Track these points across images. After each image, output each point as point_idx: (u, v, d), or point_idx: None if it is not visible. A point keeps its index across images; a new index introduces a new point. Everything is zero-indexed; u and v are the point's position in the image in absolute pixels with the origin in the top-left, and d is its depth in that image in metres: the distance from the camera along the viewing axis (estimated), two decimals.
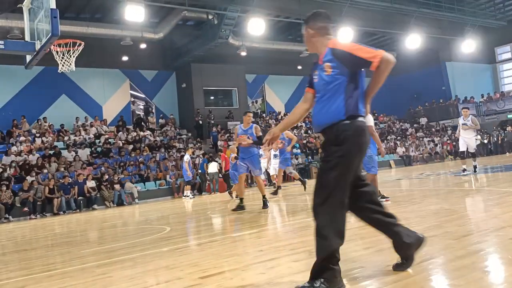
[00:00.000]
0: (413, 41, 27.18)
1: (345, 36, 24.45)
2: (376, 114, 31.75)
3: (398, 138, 28.76)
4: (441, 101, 31.45)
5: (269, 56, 27.15)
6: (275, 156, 12.98)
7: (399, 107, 32.33)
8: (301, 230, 5.64)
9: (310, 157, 23.86)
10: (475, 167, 12.37)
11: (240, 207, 8.56)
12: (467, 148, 12.42)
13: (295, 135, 14.31)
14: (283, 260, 4.02)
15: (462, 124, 12.41)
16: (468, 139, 12.37)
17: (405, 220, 5.50)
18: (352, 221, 5.88)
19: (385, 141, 28.05)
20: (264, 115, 29.02)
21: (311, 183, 15.51)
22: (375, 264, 3.47)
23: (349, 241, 4.47)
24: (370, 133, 7.43)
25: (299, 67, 30.24)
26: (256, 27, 22.27)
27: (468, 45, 29.51)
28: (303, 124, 28.46)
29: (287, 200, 10.75)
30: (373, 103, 7.93)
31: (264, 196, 8.62)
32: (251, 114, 8.95)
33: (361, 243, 4.36)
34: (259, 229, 6.01)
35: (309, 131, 27.10)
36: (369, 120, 7.54)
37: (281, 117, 28.78)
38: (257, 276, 3.44)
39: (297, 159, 23.40)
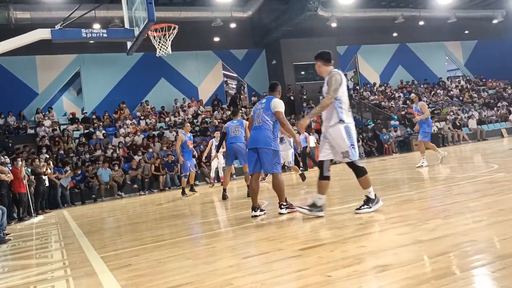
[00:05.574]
0: None
1: None
2: (484, 80, 29.25)
3: (511, 104, 26.29)
4: None
5: (361, 25, 26.09)
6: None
7: (511, 71, 29.34)
8: (402, 203, 5.41)
9: (409, 129, 22.77)
10: None
11: None
12: None
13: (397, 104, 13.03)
14: (385, 233, 3.88)
15: None
16: None
17: None
18: (461, 193, 5.53)
19: (495, 108, 25.79)
20: (357, 87, 28.08)
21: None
22: (487, 238, 3.21)
23: (459, 215, 4.20)
24: (280, 121, 5.70)
25: (395, 34, 28.69)
26: None
27: None
28: (401, 95, 27.16)
29: (383, 174, 10.40)
30: (480, 67, 7.21)
31: None
32: None
33: (470, 217, 4.06)
34: (357, 203, 5.89)
35: (407, 102, 25.80)
36: (280, 106, 5.84)
37: (376, 88, 27.66)
38: (359, 249, 3.36)
39: (395, 131, 22.48)
